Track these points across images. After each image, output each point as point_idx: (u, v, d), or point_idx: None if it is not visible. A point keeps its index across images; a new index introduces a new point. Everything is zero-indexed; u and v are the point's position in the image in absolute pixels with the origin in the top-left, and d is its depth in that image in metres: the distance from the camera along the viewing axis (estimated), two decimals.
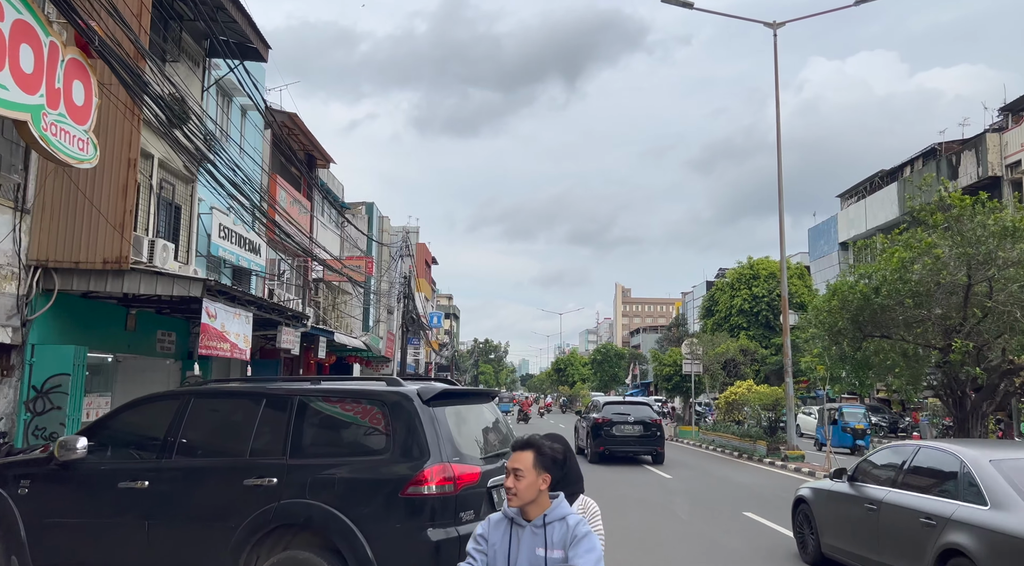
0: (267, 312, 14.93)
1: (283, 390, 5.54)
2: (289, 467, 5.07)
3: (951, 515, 5.97)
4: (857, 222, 49.73)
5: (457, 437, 5.19)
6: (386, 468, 4.90)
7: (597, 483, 14.78)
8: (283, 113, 22.96)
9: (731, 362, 28.61)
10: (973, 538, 5.62)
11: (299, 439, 5.18)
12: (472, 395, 6.02)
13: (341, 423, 5.34)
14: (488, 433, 5.77)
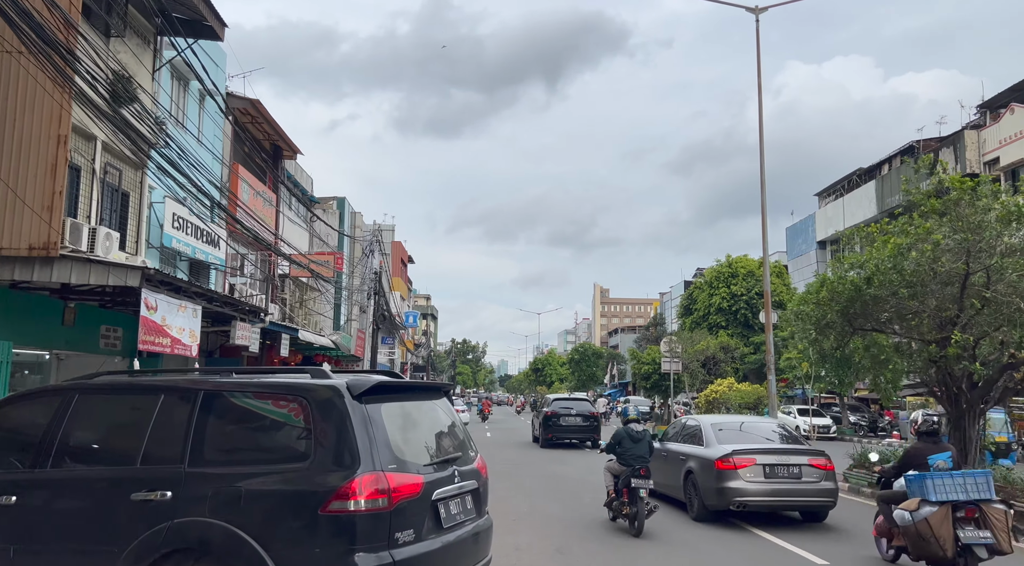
0: (219, 306, 13.91)
1: (185, 383, 4.59)
2: (187, 477, 4.16)
3: (691, 452, 11.26)
4: (835, 221, 49.48)
5: (397, 440, 4.31)
6: (306, 479, 4.00)
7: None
8: (244, 99, 21.88)
9: (711, 360, 27.94)
10: (696, 462, 10.92)
11: (201, 443, 4.25)
12: (418, 390, 5.14)
13: (254, 423, 4.43)
14: (439, 436, 4.90)
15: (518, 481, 14.95)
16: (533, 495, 13.00)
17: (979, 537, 6.81)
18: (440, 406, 5.06)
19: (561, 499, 12.59)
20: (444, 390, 5.28)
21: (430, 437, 4.80)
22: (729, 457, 10.10)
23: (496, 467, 16.94)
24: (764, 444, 10.61)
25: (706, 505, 10.38)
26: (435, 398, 5.10)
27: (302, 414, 4.17)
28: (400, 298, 64.88)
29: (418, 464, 4.38)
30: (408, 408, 4.68)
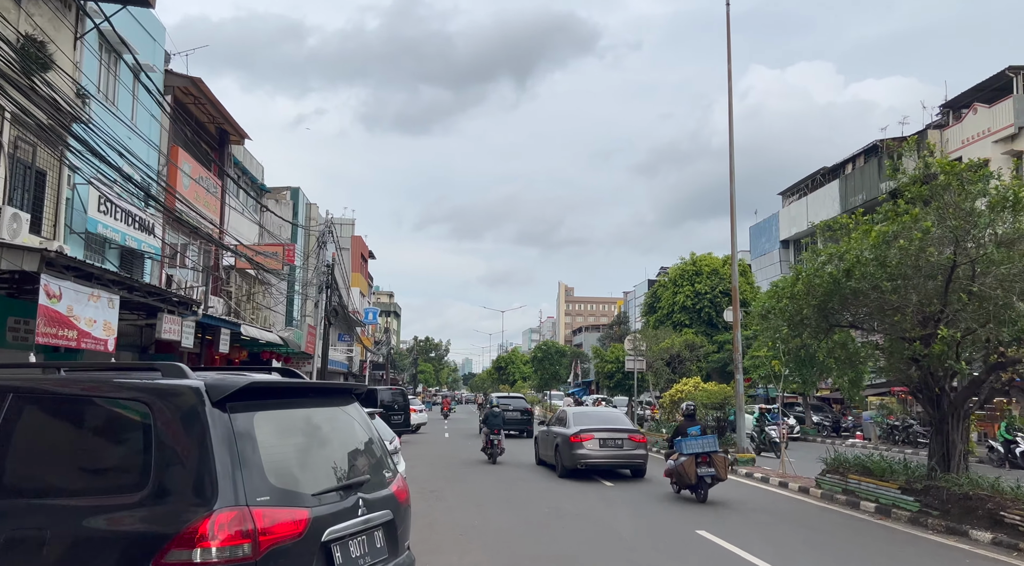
0: (142, 296, 12.58)
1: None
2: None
3: (559, 432, 16.03)
4: (799, 219, 49.38)
5: (278, 461, 3.24)
6: (138, 516, 2.90)
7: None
8: (184, 77, 20.41)
9: (676, 358, 27.21)
10: (560, 438, 15.71)
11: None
12: (316, 393, 3.99)
13: (74, 439, 3.30)
14: (342, 454, 3.82)
15: (470, 487, 13.89)
16: (485, 503, 11.94)
17: (708, 472, 12.08)
18: (350, 414, 3.97)
19: (517, 507, 11.56)
20: (355, 393, 4.15)
21: (329, 456, 3.71)
22: (579, 434, 15.36)
23: (449, 472, 15.89)
24: (601, 425, 15.71)
25: (566, 466, 15.54)
26: (341, 403, 4.00)
27: (140, 427, 3.06)
28: (360, 294, 63.24)
29: (305, 494, 3.30)
30: (299, 417, 3.60)
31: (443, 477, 15.26)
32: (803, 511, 11.50)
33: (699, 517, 10.71)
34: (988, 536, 8.84)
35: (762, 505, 12.02)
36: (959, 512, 9.43)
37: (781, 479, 14.52)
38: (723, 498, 12.73)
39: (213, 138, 24.45)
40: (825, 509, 11.71)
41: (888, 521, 10.55)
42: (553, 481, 14.89)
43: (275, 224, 31.79)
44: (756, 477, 15.41)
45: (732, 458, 17.08)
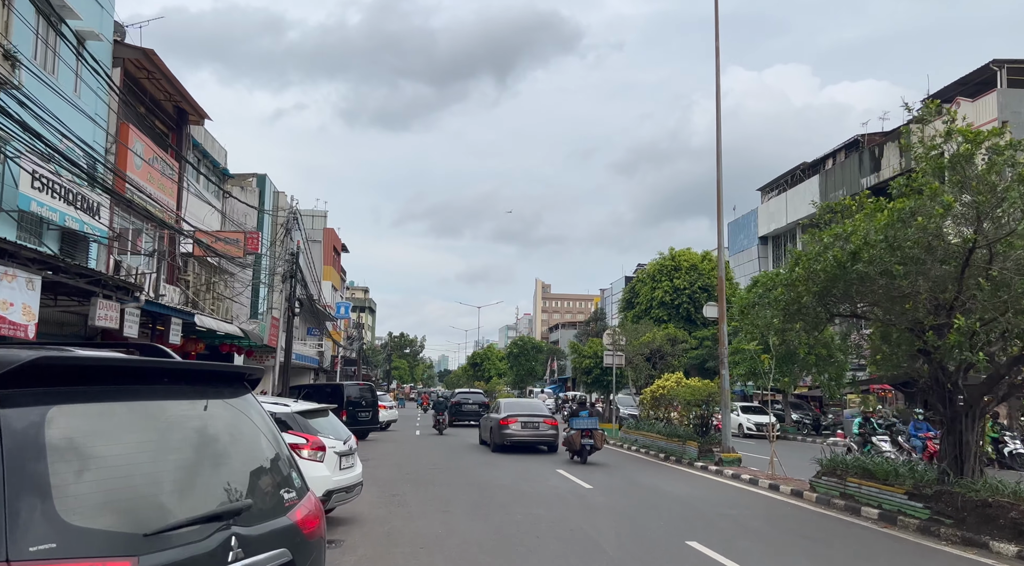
0: (72, 278, 11.27)
1: None
2: None
3: (493, 417, 20.79)
4: (778, 216, 48.83)
5: (90, 483, 2.09)
6: None
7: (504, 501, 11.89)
8: (135, 48, 18.98)
9: (657, 353, 26.26)
10: (494, 422, 20.36)
11: None
12: (175, 378, 2.72)
13: None
14: (224, 469, 2.68)
15: (437, 491, 12.76)
16: (452, 508, 10.83)
17: (588, 442, 16.84)
18: (236, 409, 2.84)
19: (487, 514, 10.46)
20: (248, 379, 3.01)
21: (188, 472, 2.54)
22: (506, 418, 20.03)
23: (416, 473, 14.70)
24: (524, 412, 20.56)
25: (496, 443, 20.11)
26: (220, 394, 2.82)
27: None
28: (332, 288, 61.71)
29: (131, 534, 2.17)
30: (139, 414, 2.46)
31: (409, 479, 14.12)
32: (800, 518, 10.55)
33: (689, 525, 9.70)
34: (1013, 549, 7.92)
35: (755, 511, 11.05)
36: (976, 521, 8.52)
37: (771, 481, 13.57)
38: (714, 502, 11.75)
39: (170, 117, 23.02)
40: (823, 515, 10.76)
41: (894, 529, 9.63)
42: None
43: (241, 212, 30.34)
44: (744, 479, 14.45)
45: (717, 457, 16.17)
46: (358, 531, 9.03)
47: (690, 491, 12.98)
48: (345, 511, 9.98)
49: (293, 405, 9.19)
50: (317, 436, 8.87)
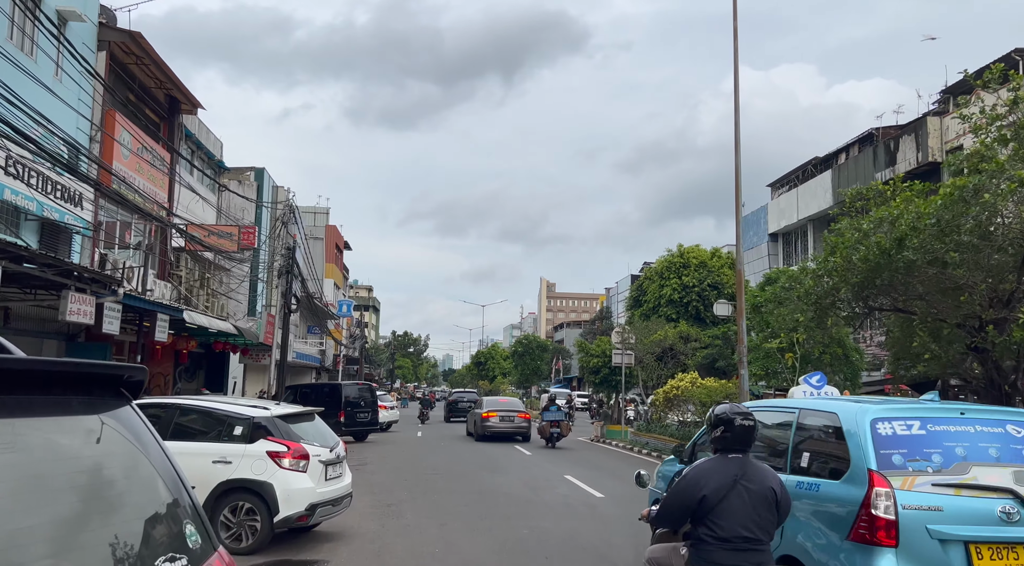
0: (40, 269, 10.34)
1: None
2: None
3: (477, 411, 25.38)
4: (788, 212, 47.73)
5: None
6: None
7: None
8: (121, 31, 18.06)
9: (669, 352, 25.25)
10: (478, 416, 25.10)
11: None
12: (10, 386, 1.62)
13: None
14: (70, 519, 1.66)
15: (436, 500, 11.79)
16: (450, 521, 9.86)
17: (555, 431, 21.96)
18: (108, 427, 1.85)
19: (490, 527, 9.49)
20: (126, 381, 2.02)
21: (16, 527, 1.52)
22: (487, 412, 24.01)
23: (414, 480, 13.68)
24: (502, 407, 24.64)
25: (478, 433, 23.97)
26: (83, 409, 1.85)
27: None
28: (334, 286, 60.86)
29: None
30: None
31: (406, 487, 13.16)
32: None
33: None
34: None
35: None
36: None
37: None
38: None
39: (162, 106, 22.12)
40: None
41: None
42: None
43: (238, 207, 29.43)
44: None
45: None
46: (345, 549, 8.09)
47: None
48: (333, 525, 9.04)
49: (274, 408, 8.25)
50: (300, 443, 7.92)
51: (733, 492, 3.91)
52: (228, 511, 7.60)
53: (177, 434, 8.01)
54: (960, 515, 4.31)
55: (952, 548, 4.25)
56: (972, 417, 4.77)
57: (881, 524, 4.31)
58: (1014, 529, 4.25)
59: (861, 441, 4.58)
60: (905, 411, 4.84)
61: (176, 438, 7.96)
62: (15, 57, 14.01)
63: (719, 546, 3.84)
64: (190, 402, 8.33)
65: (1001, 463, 4.51)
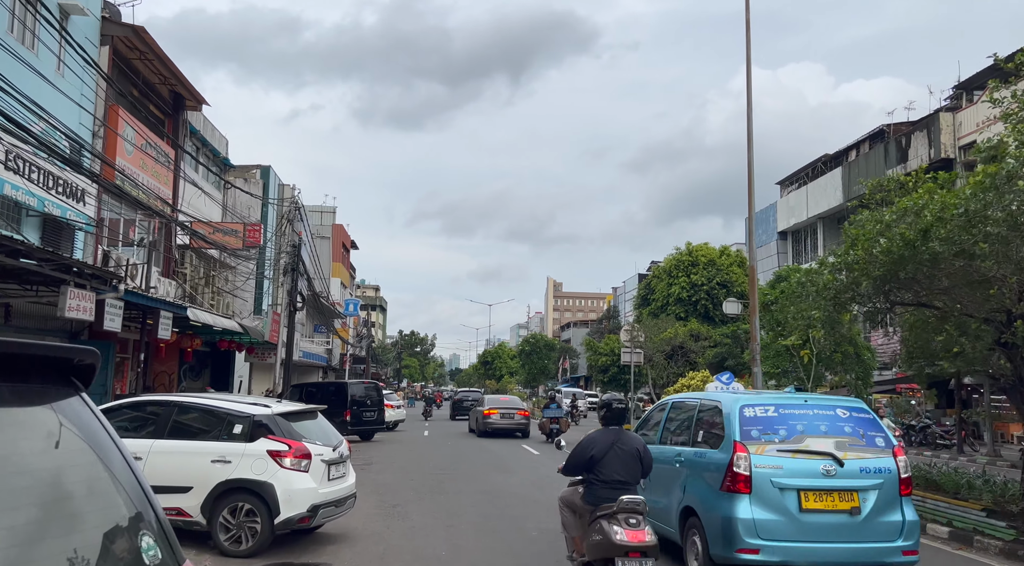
0: (37, 264, 10.11)
1: None
2: None
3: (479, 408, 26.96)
4: (798, 210, 47.23)
5: None
6: None
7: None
8: (124, 26, 17.85)
9: (679, 350, 24.90)
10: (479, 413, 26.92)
11: None
12: None
13: None
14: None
15: (444, 501, 11.50)
16: (458, 522, 9.58)
17: (555, 427, 22.82)
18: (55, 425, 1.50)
19: (498, 529, 9.20)
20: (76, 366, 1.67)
21: None
22: (488, 409, 25.29)
23: (421, 480, 13.29)
24: (502, 405, 25.86)
25: (480, 430, 25.23)
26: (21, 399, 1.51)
27: None
28: (341, 285, 60.69)
29: None
30: None
31: (412, 487, 12.88)
32: None
33: None
34: None
35: None
36: None
37: None
38: None
39: (166, 102, 21.92)
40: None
41: (971, 552, 8.29)
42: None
43: (244, 205, 29.24)
44: None
45: None
46: (348, 551, 7.82)
47: None
48: (336, 526, 8.76)
49: (275, 406, 7.98)
50: (302, 442, 7.65)
51: (611, 452, 5.75)
52: (227, 512, 7.34)
53: (175, 432, 7.75)
54: (794, 471, 6.10)
55: (788, 494, 6.03)
56: (812, 404, 6.69)
57: (740, 478, 6.06)
58: (831, 480, 6.08)
59: (732, 421, 6.39)
60: (766, 400, 6.73)
61: (174, 436, 7.71)
62: (15, 50, 13.80)
63: (602, 486, 5.67)
64: (188, 399, 8.08)
65: (827, 435, 6.32)
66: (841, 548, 6.01)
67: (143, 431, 7.85)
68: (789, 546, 5.93)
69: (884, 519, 6.12)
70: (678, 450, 7.27)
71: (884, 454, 6.34)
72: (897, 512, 6.19)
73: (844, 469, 6.11)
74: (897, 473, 6.24)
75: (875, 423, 6.64)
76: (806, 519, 5.98)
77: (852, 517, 6.02)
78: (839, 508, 6.03)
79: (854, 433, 6.39)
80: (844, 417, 6.49)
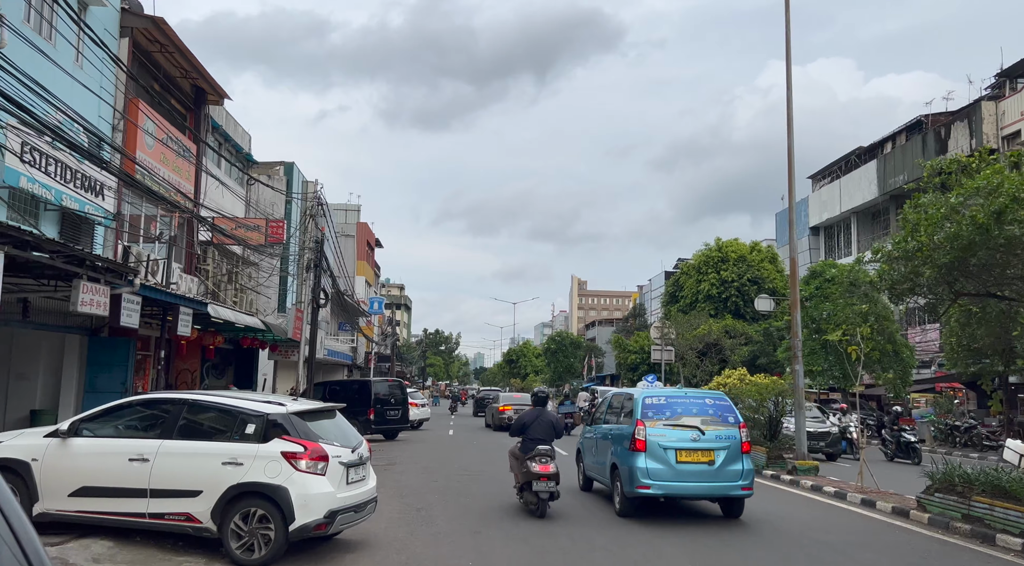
0: (51, 257, 9.71)
1: None
2: None
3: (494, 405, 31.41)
4: (831, 204, 45.99)
5: None
6: None
7: None
8: (143, 17, 17.52)
9: (712, 347, 24.08)
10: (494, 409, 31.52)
11: None
12: None
13: None
14: None
15: (470, 503, 10.94)
16: (486, 527, 9.00)
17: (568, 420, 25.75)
18: None
19: (528, 536, 8.60)
20: None
21: None
22: (503, 406, 28.29)
23: (446, 481, 12.68)
24: (515, 402, 28.17)
25: (495, 424, 28.18)
26: None
27: None
28: (365, 283, 60.51)
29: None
30: None
31: (437, 489, 12.34)
32: (918, 547, 8.48)
33: (786, 559, 7.74)
34: None
35: (858, 536, 9.02)
36: None
37: (863, 495, 11.47)
38: (803, 523, 9.74)
39: (187, 96, 21.64)
40: (947, 543, 8.67)
41: None
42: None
43: (268, 202, 28.97)
44: (828, 492, 12.34)
45: (790, 465, 14.10)
46: (368, 560, 7.28)
47: (768, 508, 10.97)
48: (356, 532, 8.24)
49: (290, 404, 7.47)
50: (318, 443, 7.12)
51: (536, 421, 9.83)
52: (239, 518, 6.84)
53: (185, 432, 7.28)
54: (673, 437, 9.31)
55: (669, 452, 9.21)
56: (690, 395, 10.37)
57: (639, 442, 9.29)
58: (697, 444, 9.24)
59: (637, 406, 9.74)
60: (659, 392, 10.47)
61: (183, 436, 7.23)
62: (33, 41, 13.50)
63: (530, 441, 9.62)
64: (199, 397, 7.59)
65: (696, 415, 9.61)
66: (702, 486, 9.47)
67: (151, 431, 7.38)
68: (669, 484, 9.33)
69: (730, 468, 9.44)
70: (609, 427, 10.95)
71: (732, 427, 9.71)
72: (739, 463, 9.52)
73: (705, 436, 9.53)
74: (740, 439, 9.63)
75: (730, 408, 10.10)
76: (680, 467, 9.35)
77: (709, 466, 9.38)
78: (701, 461, 9.41)
79: (715, 413, 9.85)
80: (710, 404, 9.98)
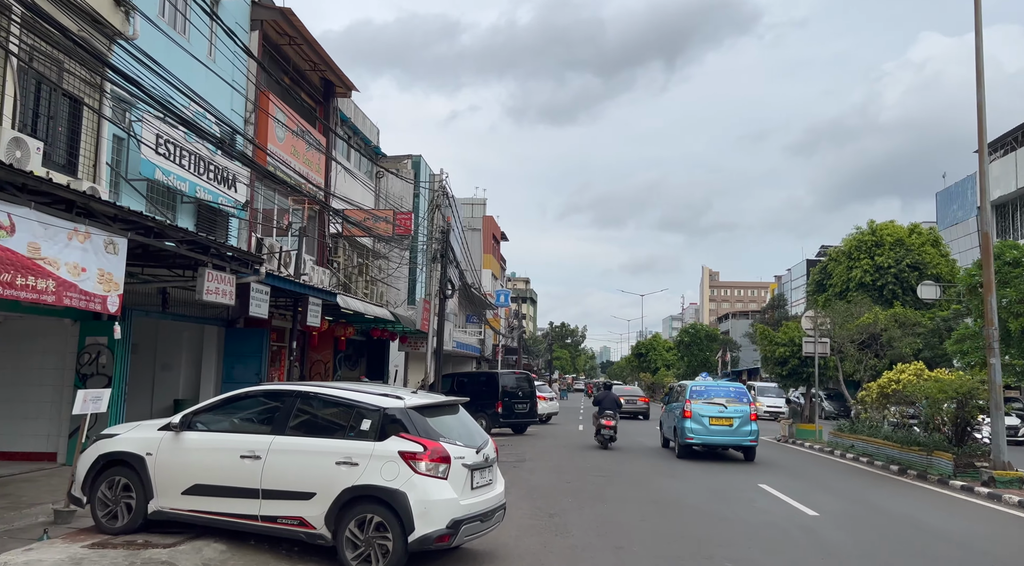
0: (177, 244, 9.52)
1: None
2: None
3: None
4: (1004, 180, 40.75)
5: None
6: None
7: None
8: (272, 9, 17.60)
9: (876, 339, 21.58)
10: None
11: None
12: None
13: None
14: None
15: (608, 511, 9.83)
16: (629, 542, 7.85)
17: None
18: None
19: (681, 556, 7.39)
20: None
21: None
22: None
23: (579, 482, 11.37)
24: (626, 393, 34.54)
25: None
26: None
27: None
28: (492, 276, 60.62)
29: None
30: None
31: (570, 490, 11.33)
32: None
33: None
34: None
35: None
36: None
37: None
38: (1014, 549, 7.92)
39: (315, 89, 21.80)
40: None
41: None
42: None
43: (396, 196, 29.08)
44: None
45: (986, 476, 11.94)
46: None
47: (964, 526, 9.15)
48: (483, 541, 7.36)
49: (408, 398, 6.68)
50: (439, 442, 6.28)
51: (606, 399, 19.50)
52: (354, 525, 6.11)
53: (297, 427, 6.66)
54: (708, 410, 16.52)
55: (704, 418, 16.49)
56: (723, 384, 19.27)
57: (687, 413, 16.50)
58: (723, 413, 16.39)
59: (687, 391, 17.16)
60: (701, 383, 18.28)
61: (296, 432, 6.62)
62: (170, 33, 13.70)
63: (601, 409, 19.20)
64: (312, 389, 6.96)
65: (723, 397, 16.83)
66: (726, 439, 16.22)
67: (263, 425, 6.82)
68: (705, 438, 16.26)
69: (743, 428, 16.16)
70: (672, 405, 18.17)
71: (745, 405, 16.49)
72: (748, 426, 16.15)
73: (728, 409, 16.30)
74: (748, 412, 16.29)
75: (744, 393, 17.14)
76: (712, 428, 16.17)
77: (730, 428, 16.17)
78: (725, 424, 16.19)
79: (735, 396, 16.76)
80: (732, 390, 17.24)
